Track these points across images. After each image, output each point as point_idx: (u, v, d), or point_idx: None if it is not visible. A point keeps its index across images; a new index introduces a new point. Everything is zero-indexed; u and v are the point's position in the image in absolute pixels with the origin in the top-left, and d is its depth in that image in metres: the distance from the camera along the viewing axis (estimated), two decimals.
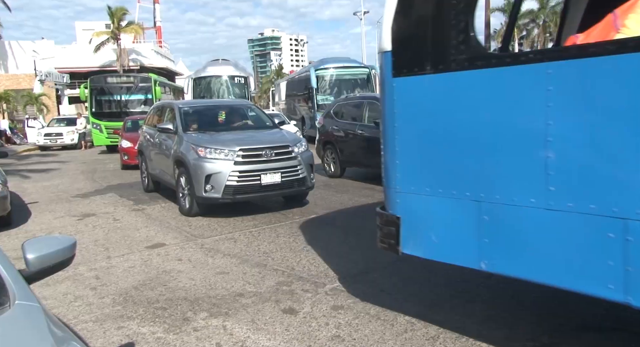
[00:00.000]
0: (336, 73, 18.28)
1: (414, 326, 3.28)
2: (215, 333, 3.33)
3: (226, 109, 8.46)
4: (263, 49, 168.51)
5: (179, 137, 7.20)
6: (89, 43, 35.63)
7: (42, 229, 6.66)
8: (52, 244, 1.87)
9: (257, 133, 7.59)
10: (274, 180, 6.56)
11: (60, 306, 3.91)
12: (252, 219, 6.71)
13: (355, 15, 35.66)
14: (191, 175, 6.56)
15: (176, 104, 7.96)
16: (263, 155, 6.55)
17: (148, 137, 8.83)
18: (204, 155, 6.49)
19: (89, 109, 19.82)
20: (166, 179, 7.90)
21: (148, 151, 8.81)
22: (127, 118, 15.30)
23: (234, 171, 6.39)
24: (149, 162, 8.74)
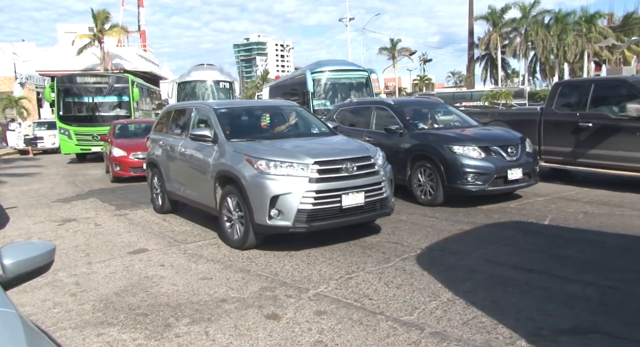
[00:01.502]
0: (333, 76, 17.33)
1: (396, 331, 3.30)
2: (198, 339, 3.30)
3: (270, 111, 7.07)
4: (249, 54, 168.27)
5: (220, 147, 5.74)
6: (72, 45, 35.07)
7: (20, 235, 6.54)
8: (30, 250, 1.84)
9: (319, 141, 6.14)
10: (356, 201, 5.13)
11: (38, 312, 3.84)
12: None
13: (341, 22, 35.92)
14: (248, 196, 5.04)
15: (210, 105, 6.52)
16: (343, 170, 5.12)
17: (164, 147, 7.24)
18: (267, 171, 5.01)
19: (56, 113, 17.76)
20: (198, 200, 6.32)
21: (165, 164, 7.20)
22: (115, 122, 14.04)
23: (309, 191, 4.91)
24: (166, 177, 7.17)
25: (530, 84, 49.30)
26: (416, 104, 9.76)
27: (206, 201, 6.03)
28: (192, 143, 6.33)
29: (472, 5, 47.06)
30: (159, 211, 7.61)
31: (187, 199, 6.73)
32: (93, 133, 16.36)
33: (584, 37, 41.93)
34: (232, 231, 5.48)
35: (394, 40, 56.94)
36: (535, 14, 45.37)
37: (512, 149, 7.23)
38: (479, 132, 7.86)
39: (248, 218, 5.12)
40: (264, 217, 4.97)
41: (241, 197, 5.21)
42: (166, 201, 7.38)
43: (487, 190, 6.97)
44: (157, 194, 7.64)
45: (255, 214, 5.02)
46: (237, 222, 5.38)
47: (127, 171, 11.08)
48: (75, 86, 17.83)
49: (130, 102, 17.91)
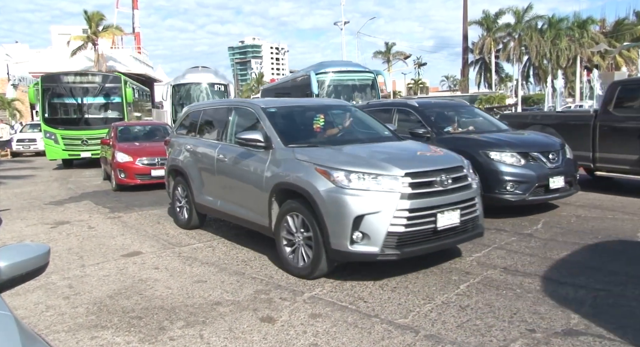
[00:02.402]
0: (339, 78, 16.56)
1: (391, 334, 3.31)
2: (192, 342, 3.29)
3: (323, 111, 5.95)
4: (244, 56, 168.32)
5: (276, 154, 4.82)
6: (67, 45, 34.85)
7: (13, 237, 6.50)
8: (24, 252, 1.83)
9: (392, 147, 5.19)
10: (451, 221, 4.30)
11: (31, 315, 3.82)
12: (232, 228, 6.67)
13: (336, 25, 36.01)
14: (322, 216, 4.13)
15: (256, 104, 5.58)
16: (437, 183, 4.28)
17: (192, 152, 6.35)
18: (347, 184, 4.10)
19: (41, 115, 16.32)
20: (242, 216, 5.37)
21: (194, 172, 6.26)
22: (117, 124, 12.82)
23: (401, 209, 4.03)
24: (195, 187, 6.23)
25: (523, 88, 49.65)
26: (441, 106, 9.02)
27: (255, 218, 5.07)
28: (233, 149, 5.47)
29: (467, 10, 47.44)
30: (183, 225, 6.62)
31: (225, 214, 5.78)
32: (82, 137, 15.52)
33: (576, 43, 42.33)
34: (296, 256, 4.52)
35: (389, 44, 57.29)
36: (528, 19, 45.78)
37: (553, 155, 6.67)
38: (516, 136, 7.26)
39: (320, 242, 4.18)
40: (343, 242, 4.03)
41: (311, 217, 4.26)
42: (194, 214, 6.39)
43: (527, 200, 6.36)
44: (181, 207, 6.66)
45: (331, 238, 4.08)
46: (302, 245, 4.44)
47: (133, 179, 10.16)
48: (62, 86, 16.34)
49: (123, 104, 16.63)
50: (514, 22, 46.52)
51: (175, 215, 6.90)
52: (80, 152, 15.58)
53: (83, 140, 15.43)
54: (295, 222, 4.50)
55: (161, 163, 9.90)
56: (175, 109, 19.12)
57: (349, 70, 17.09)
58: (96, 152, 14.62)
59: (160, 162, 10.01)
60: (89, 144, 15.34)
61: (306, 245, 4.41)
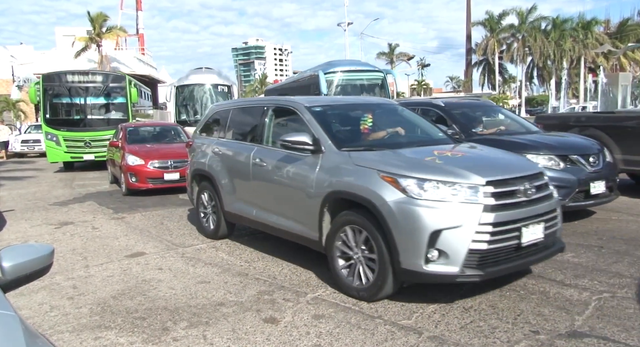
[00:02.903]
0: (348, 77, 15.97)
1: (394, 335, 3.31)
2: (195, 343, 3.30)
3: (371, 110, 5.34)
4: (247, 58, 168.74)
5: (327, 158, 4.29)
6: (71, 46, 34.99)
7: (17, 238, 6.52)
8: (29, 252, 1.84)
9: (455, 150, 4.62)
10: (536, 236, 3.78)
11: (35, 316, 3.83)
12: (236, 229, 6.67)
13: (340, 26, 35.98)
14: (391, 230, 3.61)
15: (299, 102, 5.01)
16: (520, 193, 3.76)
17: (222, 155, 5.80)
18: (419, 194, 3.58)
19: (42, 115, 15.54)
20: (285, 227, 4.80)
21: (224, 177, 5.69)
22: (124, 125, 12.14)
23: (484, 224, 3.52)
24: (226, 194, 5.67)
25: (527, 89, 49.54)
26: (468, 106, 8.49)
27: (300, 230, 4.56)
28: (273, 152, 4.97)
29: (470, 11, 47.36)
30: (211, 235, 6.11)
31: (262, 224, 5.20)
32: (85, 139, 14.91)
33: (580, 43, 42.21)
34: (352, 274, 3.99)
35: (392, 45, 57.24)
36: (532, 20, 45.70)
37: (593, 158, 6.25)
38: (552, 138, 6.80)
39: (387, 260, 3.68)
40: (416, 261, 3.53)
41: (375, 231, 3.74)
42: (222, 223, 5.87)
43: (567, 206, 5.70)
44: (207, 215, 6.14)
45: (401, 256, 3.58)
46: (362, 263, 3.92)
47: (144, 183, 9.61)
48: (64, 85, 15.55)
49: (127, 104, 15.98)
50: (517, 23, 46.45)
51: (199, 223, 6.36)
52: (83, 154, 14.99)
53: (86, 142, 14.89)
54: (354, 236, 3.96)
55: (174, 166, 9.66)
56: (179, 110, 19.17)
57: (358, 70, 16.57)
58: (99, 154, 14.31)
59: (173, 165, 9.69)
60: (92, 146, 14.87)
61: (366, 262, 3.88)
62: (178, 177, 9.52)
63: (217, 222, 5.96)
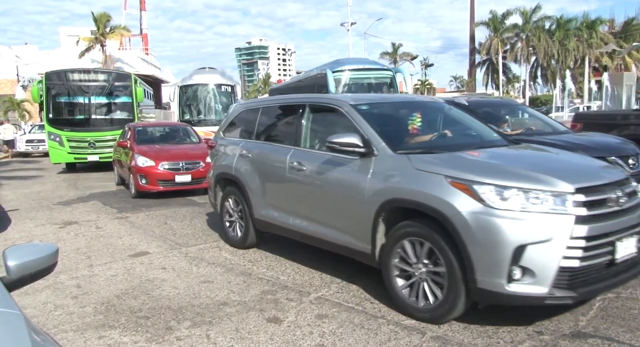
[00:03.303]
0: (356, 76, 15.55)
1: (397, 335, 3.31)
2: (199, 342, 3.30)
3: (419, 109, 4.97)
4: (250, 57, 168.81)
5: (382, 162, 3.86)
6: (76, 45, 35.08)
7: (22, 237, 6.55)
8: (34, 252, 1.86)
9: (520, 154, 4.20)
10: (629, 251, 3.38)
11: (40, 315, 3.85)
12: None
13: (343, 26, 35.97)
14: (465, 244, 3.19)
15: (343, 100, 4.54)
16: (612, 201, 3.31)
17: (252, 158, 5.35)
18: (498, 203, 3.15)
19: (45, 115, 14.86)
20: (329, 238, 4.34)
21: (255, 181, 5.24)
22: (132, 125, 11.72)
23: (576, 237, 3.10)
24: (257, 200, 5.22)
25: (531, 89, 49.40)
26: (492, 104, 7.99)
27: (348, 241, 4.10)
28: (314, 155, 4.54)
29: (474, 11, 47.29)
30: (238, 244, 5.63)
31: (300, 234, 4.75)
32: (89, 139, 14.37)
33: (585, 43, 42.06)
34: (416, 294, 3.56)
35: (396, 44, 57.10)
36: (536, 20, 45.57)
37: (633, 160, 5.93)
38: (587, 139, 6.40)
39: (459, 278, 3.24)
40: (497, 280, 3.09)
41: (444, 245, 3.32)
42: (251, 232, 5.43)
43: None
44: (232, 222, 5.72)
45: (478, 274, 3.15)
46: (426, 281, 3.50)
47: (155, 185, 9.21)
48: (67, 84, 14.92)
49: (133, 103, 15.37)
50: (521, 22, 46.33)
51: (224, 231, 5.92)
52: (87, 155, 14.47)
53: (90, 143, 14.37)
54: (413, 249, 3.55)
55: (186, 168, 9.32)
56: (183, 110, 19.21)
57: (366, 68, 16.03)
58: (104, 155, 14.01)
59: (185, 167, 9.33)
60: (96, 146, 14.37)
61: (432, 280, 3.46)
62: (190, 179, 9.30)
63: (245, 230, 5.50)
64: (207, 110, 19.22)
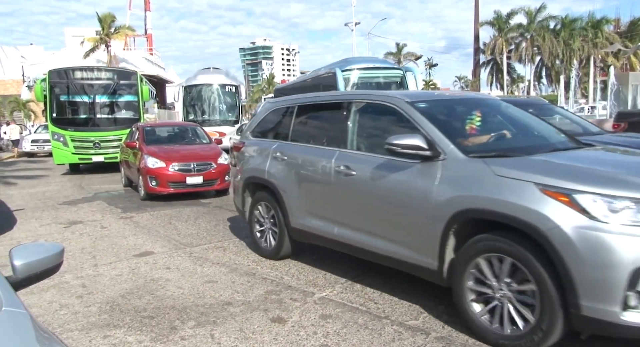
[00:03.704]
0: (366, 75, 15.15)
1: (402, 335, 3.30)
2: (203, 342, 3.31)
3: (478, 108, 4.46)
4: (254, 58, 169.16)
5: (453, 166, 3.43)
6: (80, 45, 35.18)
7: (27, 237, 6.58)
8: (39, 251, 1.87)
9: (610, 157, 3.80)
10: None
11: (45, 314, 3.86)
12: (242, 228, 6.70)
13: (347, 26, 35.97)
14: (565, 263, 2.77)
15: (397, 97, 4.09)
16: None
17: (289, 161, 4.89)
18: (607, 215, 2.73)
19: (48, 114, 14.38)
20: (382, 251, 3.88)
21: (292, 187, 4.78)
22: (140, 124, 11.34)
23: None
24: (294, 207, 4.77)
25: (535, 89, 49.22)
26: (518, 103, 6.88)
27: (409, 256, 3.65)
28: (364, 157, 4.10)
29: (478, 11, 47.12)
30: (270, 255, 5.19)
31: (346, 245, 4.27)
32: (94, 139, 14.01)
33: (590, 43, 41.87)
34: (499, 319, 3.11)
35: (400, 44, 57.03)
36: (541, 20, 45.41)
37: None
38: (627, 139, 5.90)
39: (556, 302, 2.83)
40: (609, 307, 2.68)
41: (535, 263, 2.88)
42: (286, 241, 4.97)
43: None
44: (264, 231, 5.28)
45: (583, 298, 2.73)
46: (510, 301, 3.06)
47: (165, 187, 8.93)
48: (71, 82, 14.49)
49: (139, 102, 14.94)
50: (526, 22, 46.17)
51: (254, 241, 5.47)
52: (91, 156, 14.10)
53: (95, 143, 14.00)
54: (494, 267, 3.10)
55: (197, 169, 9.06)
56: (187, 110, 19.27)
57: (376, 67, 15.73)
58: (109, 156, 13.76)
59: (196, 168, 9.07)
60: (101, 147, 13.99)
61: (519, 301, 3.02)
62: (201, 181, 9.07)
63: (279, 240, 5.04)
64: (211, 110, 19.28)
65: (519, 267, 2.96)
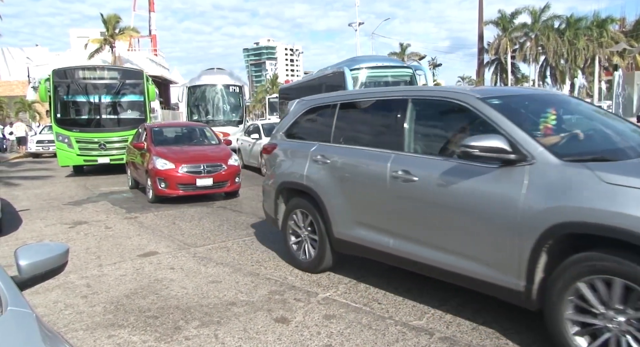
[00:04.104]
0: (374, 74, 14.82)
1: (405, 336, 3.30)
2: (207, 342, 3.32)
3: (552, 105, 3.94)
4: (258, 58, 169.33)
5: (545, 172, 2.98)
6: (84, 48, 35.38)
7: (33, 237, 6.62)
8: (45, 251, 1.88)
9: None
10: None
11: (50, 314, 3.88)
12: (246, 228, 6.71)
13: (351, 26, 35.96)
14: None
15: (464, 93, 3.68)
16: None
17: (335, 164, 4.39)
18: None
19: (52, 114, 13.84)
20: (459, 269, 3.39)
21: (337, 193, 4.31)
22: (148, 125, 11.00)
23: None
24: (337, 215, 4.30)
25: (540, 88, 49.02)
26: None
27: (487, 274, 3.20)
28: (430, 162, 3.62)
29: (482, 10, 46.95)
30: (308, 267, 4.70)
31: (406, 260, 3.80)
32: (99, 140, 13.58)
33: (595, 42, 41.68)
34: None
35: (404, 44, 56.88)
36: (545, 19, 45.23)
37: None
38: None
39: None
40: None
41: None
42: (327, 253, 4.48)
43: None
44: (302, 241, 4.80)
45: None
46: (628, 333, 2.61)
47: (175, 189, 8.68)
48: (76, 81, 14.01)
49: (145, 102, 14.46)
50: (530, 22, 46.00)
51: (288, 252, 4.98)
52: (97, 157, 13.68)
53: (100, 144, 13.56)
54: (600, 292, 2.67)
55: (207, 171, 8.80)
56: (191, 110, 19.32)
57: (385, 66, 15.40)
58: (115, 157, 13.47)
59: (206, 170, 8.80)
60: (107, 148, 13.59)
61: None
62: (211, 183, 8.81)
63: (319, 252, 4.55)
64: (215, 110, 19.32)
65: (635, 289, 2.53)
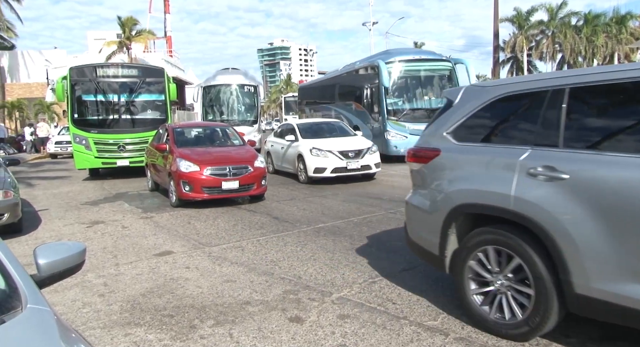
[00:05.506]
0: (412, 68, 13.93)
1: (420, 336, 3.28)
2: (222, 341, 3.34)
3: None
4: (272, 58, 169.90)
5: None
6: (99, 53, 35.90)
7: (51, 236, 6.73)
8: (63, 250, 1.91)
9: None
10: None
11: (68, 312, 3.95)
12: (260, 228, 6.74)
13: (365, 26, 35.91)
14: None
15: None
16: None
17: (583, 182, 2.83)
18: None
19: (69, 115, 13.07)
20: None
21: (590, 226, 2.77)
22: (170, 125, 10.46)
23: None
24: (588, 258, 2.78)
25: None
26: None
27: None
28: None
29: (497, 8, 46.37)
30: (517, 335, 3.12)
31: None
32: (119, 142, 12.83)
33: (614, 39, 40.93)
34: None
35: (418, 43, 56.62)
36: (562, 16, 44.56)
37: None
38: None
39: None
40: None
41: None
42: (554, 314, 2.96)
43: None
44: (492, 294, 3.30)
45: None
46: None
47: (199, 192, 8.30)
48: (94, 80, 13.17)
49: (166, 102, 13.62)
50: (547, 19, 45.36)
51: (468, 305, 3.43)
52: (116, 160, 12.93)
53: (120, 146, 12.83)
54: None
55: (233, 173, 8.41)
56: (206, 110, 19.46)
57: (423, 59, 14.50)
58: (135, 159, 12.77)
59: (232, 173, 8.42)
60: (126, 149, 12.86)
61: None
62: (237, 186, 8.41)
63: (539, 312, 2.99)
64: (230, 110, 19.42)
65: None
